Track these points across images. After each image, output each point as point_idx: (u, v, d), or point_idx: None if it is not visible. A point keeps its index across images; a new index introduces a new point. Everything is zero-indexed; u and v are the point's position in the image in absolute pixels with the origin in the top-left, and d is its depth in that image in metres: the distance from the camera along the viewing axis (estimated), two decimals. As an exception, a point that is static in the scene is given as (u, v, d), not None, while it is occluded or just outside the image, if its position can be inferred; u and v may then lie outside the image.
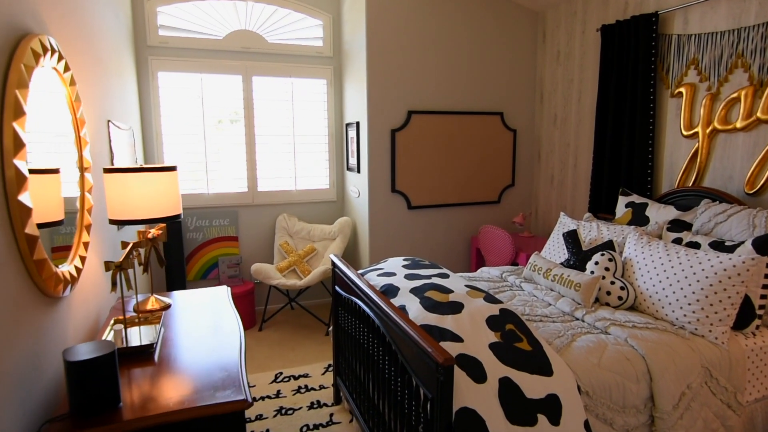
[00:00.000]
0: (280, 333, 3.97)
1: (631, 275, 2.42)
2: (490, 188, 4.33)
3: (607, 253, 2.48)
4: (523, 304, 2.42)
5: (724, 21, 2.82)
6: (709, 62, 2.91)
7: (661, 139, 3.25)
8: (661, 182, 3.26)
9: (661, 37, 3.19)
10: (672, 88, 3.14)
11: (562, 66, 4.07)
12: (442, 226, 4.21)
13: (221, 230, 4.24)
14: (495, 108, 4.25)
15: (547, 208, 4.34)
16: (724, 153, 2.87)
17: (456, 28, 4.00)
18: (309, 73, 4.34)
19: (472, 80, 4.12)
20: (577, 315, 2.25)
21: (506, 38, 4.19)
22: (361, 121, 3.98)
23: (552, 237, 3.11)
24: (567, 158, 4.07)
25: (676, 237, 2.51)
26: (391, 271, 2.50)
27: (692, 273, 2.14)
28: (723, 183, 2.87)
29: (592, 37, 3.74)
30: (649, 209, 2.95)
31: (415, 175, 4.03)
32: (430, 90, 4.00)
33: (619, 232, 2.72)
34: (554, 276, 2.54)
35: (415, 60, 3.91)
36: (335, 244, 4.19)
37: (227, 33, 4.09)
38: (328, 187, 4.54)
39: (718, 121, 2.85)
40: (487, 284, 2.74)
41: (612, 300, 2.36)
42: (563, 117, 4.09)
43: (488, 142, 4.25)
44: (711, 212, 2.57)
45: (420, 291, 2.12)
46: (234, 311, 2.14)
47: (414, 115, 3.95)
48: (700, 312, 2.08)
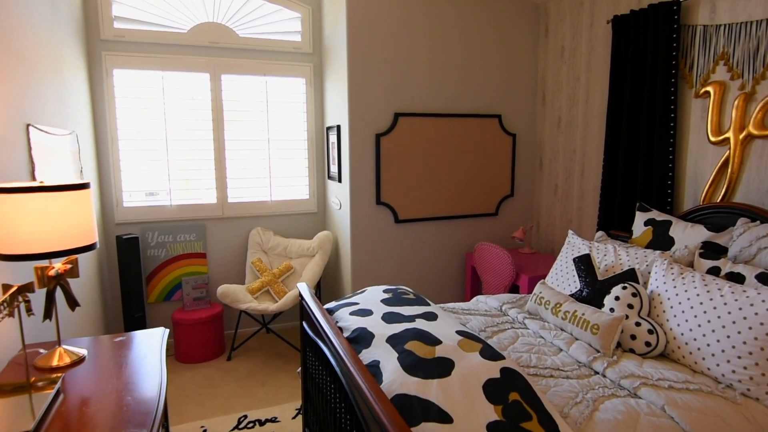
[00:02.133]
0: (251, 363, 3.52)
1: (660, 315, 1.98)
2: (486, 199, 3.90)
3: (630, 286, 2.04)
4: (529, 349, 1.98)
5: (761, 8, 2.40)
6: (741, 56, 2.49)
7: (683, 145, 2.82)
8: (683, 196, 2.83)
9: (684, 28, 2.76)
10: (697, 87, 2.72)
11: (566, 63, 3.64)
12: (433, 242, 3.77)
13: (187, 246, 3.79)
14: (492, 110, 3.82)
15: (550, 222, 3.90)
16: (761, 163, 2.44)
17: (448, 22, 3.57)
18: (286, 71, 3.90)
19: (466, 79, 3.69)
20: (596, 367, 1.81)
21: (504, 33, 3.76)
22: (341, 124, 3.54)
23: (559, 260, 2.67)
24: (573, 166, 3.64)
25: (713, 266, 2.08)
26: (367, 307, 2.05)
27: (741, 317, 1.70)
28: (760, 198, 2.45)
29: (602, 31, 3.31)
30: (673, 228, 2.52)
31: (402, 185, 3.59)
32: (420, 90, 3.56)
33: (641, 258, 2.29)
34: (565, 313, 2.10)
35: (403, 56, 3.47)
36: (314, 262, 3.74)
37: (192, 26, 3.64)
38: (307, 198, 4.09)
39: (754, 125, 2.42)
40: (484, 320, 2.29)
41: (638, 346, 1.93)
42: (568, 120, 3.66)
43: (485, 148, 3.81)
44: (752, 235, 2.14)
45: (400, 341, 1.68)
46: (161, 364, 1.69)
47: (401, 118, 3.52)
48: (754, 368, 1.64)
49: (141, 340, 1.90)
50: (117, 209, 3.59)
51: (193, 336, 3.52)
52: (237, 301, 3.45)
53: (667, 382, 1.67)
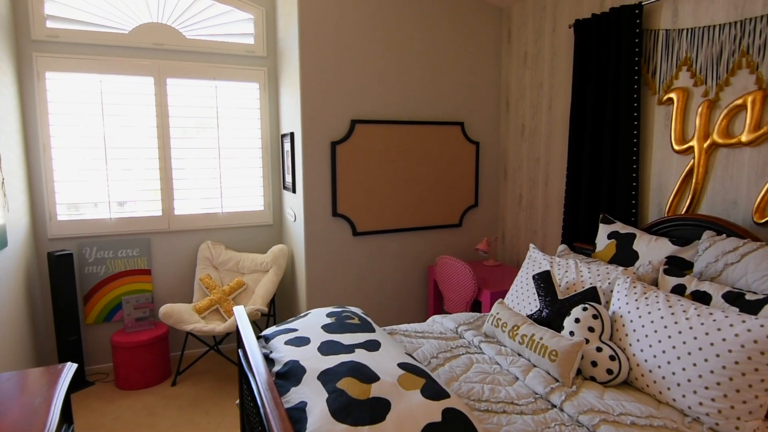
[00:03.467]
0: (197, 388, 3.26)
1: (622, 338, 1.83)
2: (450, 210, 3.74)
3: (591, 307, 1.89)
4: (482, 379, 1.80)
5: (724, 12, 2.30)
6: (705, 62, 2.39)
7: (647, 154, 2.71)
8: (647, 207, 2.72)
9: (646, 33, 2.66)
10: (660, 93, 2.61)
11: (530, 69, 3.52)
12: (393, 256, 3.58)
13: (129, 262, 3.51)
14: (454, 117, 3.67)
15: (515, 233, 3.76)
16: (726, 173, 2.33)
17: (407, 26, 3.41)
18: (238, 75, 3.68)
19: (427, 85, 3.53)
20: (553, 400, 1.64)
21: (466, 38, 3.63)
22: (295, 131, 3.34)
23: (520, 277, 2.51)
24: (537, 175, 3.51)
25: (678, 283, 1.94)
26: (305, 335, 1.85)
27: (708, 343, 1.56)
28: (725, 210, 2.34)
29: (564, 36, 3.20)
30: (637, 242, 2.39)
31: (360, 196, 3.40)
32: (378, 96, 3.39)
33: (604, 274, 2.14)
34: (522, 337, 1.93)
35: (359, 61, 3.29)
36: (268, 278, 3.51)
37: (134, 26, 3.40)
38: (262, 209, 3.86)
39: (719, 133, 2.32)
40: (437, 344, 2.11)
41: (599, 374, 1.77)
42: (532, 128, 3.53)
43: (447, 157, 3.66)
44: (718, 249, 2.02)
45: (333, 377, 1.47)
46: (53, 409, 1.45)
47: (358, 125, 3.33)
48: (722, 400, 1.49)
49: (36, 378, 1.65)
50: (50, 224, 3.30)
51: (133, 360, 3.24)
52: (181, 321, 3.19)
53: (629, 417, 1.51)
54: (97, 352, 3.51)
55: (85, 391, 3.23)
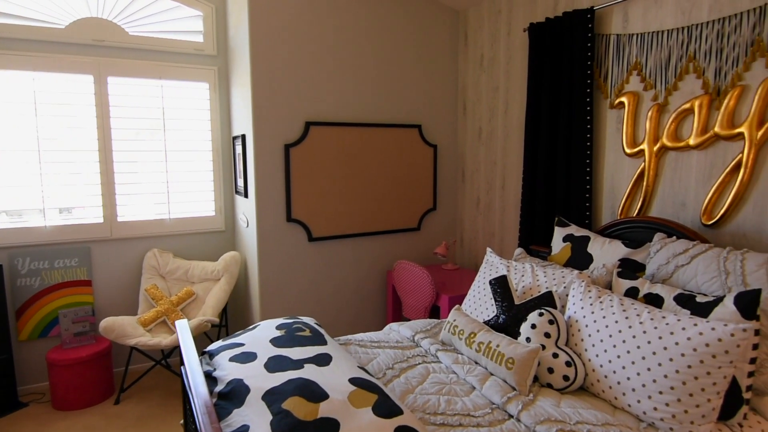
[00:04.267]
0: (143, 406, 3.06)
1: (578, 344, 1.81)
2: (408, 213, 3.68)
3: (547, 312, 1.86)
4: (439, 390, 1.74)
5: (672, 17, 2.34)
6: (654, 67, 2.43)
7: (600, 157, 2.73)
8: (601, 209, 2.74)
9: (598, 37, 2.69)
10: (611, 97, 2.64)
11: (486, 72, 3.52)
12: (351, 261, 3.49)
13: (67, 273, 3.28)
14: (412, 120, 3.62)
15: (473, 236, 3.75)
16: (675, 175, 2.37)
17: (362, 27, 3.34)
18: (186, 74, 3.51)
19: (383, 87, 3.47)
20: (510, 410, 1.60)
21: (423, 40, 3.59)
22: (246, 133, 3.20)
23: (477, 282, 2.47)
24: (494, 178, 3.50)
25: (631, 286, 1.94)
26: (252, 350, 1.74)
27: (662, 347, 1.55)
28: (675, 212, 2.38)
29: (519, 39, 3.21)
30: (591, 245, 2.40)
31: (316, 200, 3.30)
32: (333, 97, 3.30)
33: (559, 279, 2.13)
34: (479, 344, 1.88)
35: (314, 61, 3.20)
36: (219, 287, 3.35)
37: (71, 21, 3.18)
38: (213, 215, 3.69)
39: (668, 136, 2.35)
40: (393, 354, 2.03)
41: (555, 380, 1.74)
42: (489, 131, 3.53)
43: (405, 160, 3.60)
44: (669, 251, 2.04)
45: (278, 397, 1.37)
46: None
47: (313, 127, 3.23)
48: (676, 404, 1.49)
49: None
50: (-24, 232, 3.03)
51: (72, 378, 3.02)
52: (124, 335, 2.99)
53: (586, 426, 1.48)
54: (32, 371, 3.25)
55: (18, 414, 2.98)
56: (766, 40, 1.99)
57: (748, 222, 2.09)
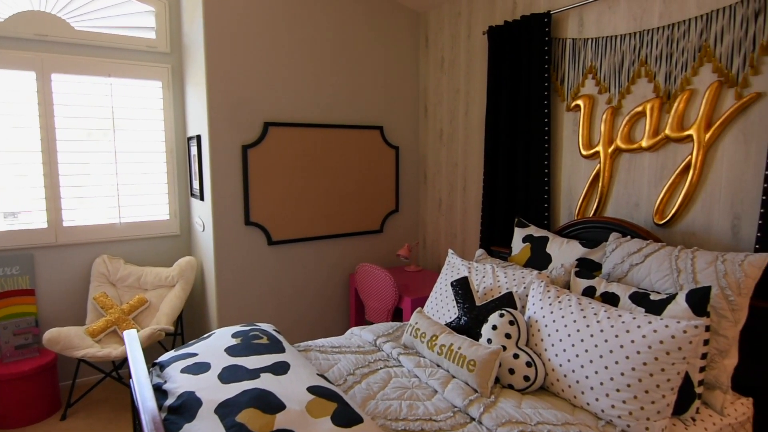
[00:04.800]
0: (93, 420, 2.90)
1: (538, 344, 1.82)
2: (371, 215, 3.65)
3: (508, 314, 1.87)
4: (401, 395, 1.71)
5: (624, 23, 2.41)
6: (608, 70, 2.48)
7: (558, 159, 2.78)
8: (559, 210, 2.79)
9: (555, 41, 2.73)
10: (568, 100, 2.69)
11: (446, 74, 3.53)
12: (312, 265, 3.43)
13: (8, 282, 3.07)
14: (373, 121, 3.59)
15: (435, 237, 3.75)
16: (628, 176, 2.43)
17: (322, 26, 3.29)
18: (137, 72, 3.36)
19: (344, 88, 3.42)
20: (472, 413, 1.58)
21: (384, 41, 3.57)
22: (202, 134, 3.09)
23: (439, 283, 2.47)
24: (455, 180, 3.52)
25: (588, 285, 1.97)
26: (205, 360, 1.66)
27: (618, 345, 1.57)
28: (629, 212, 2.44)
29: (479, 42, 3.23)
30: (550, 245, 2.43)
31: (276, 203, 3.22)
32: (293, 98, 3.23)
33: (519, 279, 2.14)
34: (441, 347, 1.87)
35: (273, 60, 3.12)
36: (174, 293, 3.22)
37: (11, 14, 2.99)
38: (167, 218, 3.55)
39: (621, 138, 2.41)
40: (354, 359, 1.99)
41: (516, 381, 1.74)
42: (450, 133, 3.54)
43: (367, 161, 3.57)
44: (623, 250, 2.08)
45: (232, 409, 1.31)
46: None
47: (272, 128, 3.15)
48: (633, 402, 1.51)
49: None
50: None
51: (14, 394, 2.82)
52: (71, 347, 2.83)
53: (546, 426, 1.48)
54: (-33, 388, 3.02)
55: (-50, 435, 2.77)
56: (713, 45, 2.07)
57: (698, 221, 2.16)
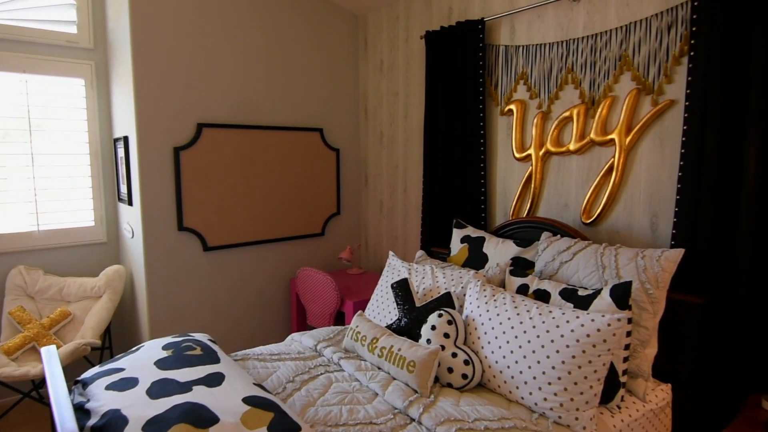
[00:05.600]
0: (8, 447, 2.67)
1: (475, 342, 1.87)
2: (312, 218, 3.60)
3: (446, 314, 1.90)
4: (341, 400, 1.70)
5: (552, 32, 2.52)
6: (538, 77, 2.59)
7: (493, 161, 2.87)
8: (495, 211, 2.88)
9: (489, 47, 2.82)
10: (502, 105, 2.78)
11: (386, 77, 3.55)
12: (252, 270, 3.34)
13: None
14: (313, 123, 3.55)
15: (377, 239, 3.76)
16: (558, 178, 2.55)
17: (259, 25, 3.21)
18: (57, 69, 3.13)
19: (283, 90, 3.36)
20: (412, 414, 1.59)
21: (322, 43, 3.54)
22: (129, 135, 2.93)
23: (379, 286, 2.47)
24: (396, 182, 3.55)
25: (522, 283, 2.04)
26: (133, 375, 1.56)
27: (549, 340, 1.64)
28: (559, 212, 2.56)
29: (417, 46, 3.28)
30: (486, 245, 2.50)
31: (211, 207, 3.10)
32: (229, 98, 3.13)
33: (457, 279, 2.18)
34: (381, 349, 1.87)
35: (207, 59, 3.01)
36: (101, 305, 3.03)
37: None
38: (92, 225, 3.33)
39: (551, 142, 2.53)
40: (294, 366, 1.95)
41: (455, 379, 1.77)
42: (390, 135, 3.56)
43: (307, 164, 3.52)
44: (554, 249, 2.18)
45: (161, 426, 1.24)
46: None
47: (206, 130, 3.04)
48: (563, 393, 1.58)
49: None
50: None
51: None
52: (-19, 367, 2.58)
53: (483, 422, 1.52)
54: None
55: None
56: (632, 55, 2.21)
57: (621, 220, 2.30)
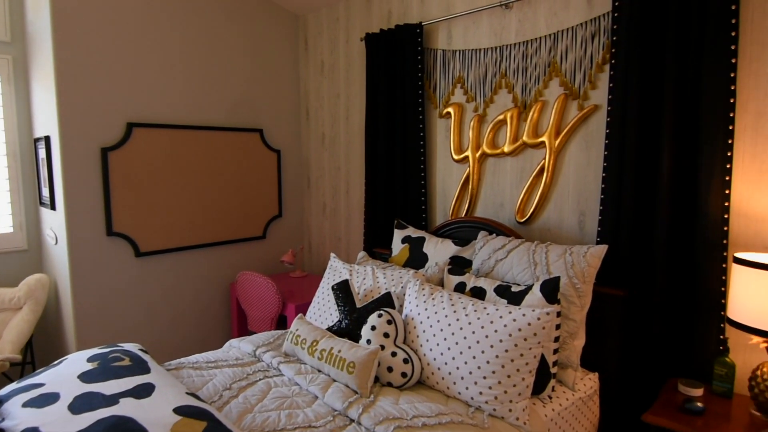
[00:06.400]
0: None
1: (414, 340, 1.89)
2: (253, 221, 3.52)
3: (386, 313, 1.91)
4: (279, 405, 1.67)
5: (486, 38, 2.61)
6: (474, 81, 2.67)
7: (433, 163, 2.92)
8: (435, 211, 2.94)
9: (427, 51, 2.87)
10: (440, 107, 2.84)
11: (327, 78, 3.54)
12: (189, 275, 3.22)
13: None
14: (253, 124, 3.48)
15: (320, 241, 3.74)
16: (494, 179, 2.64)
17: (195, 23, 3.11)
18: (-34, 62, 2.89)
19: (221, 89, 3.27)
20: (351, 414, 1.59)
21: (261, 42, 3.48)
22: (51, 135, 2.75)
23: (321, 288, 2.46)
24: (339, 183, 3.54)
25: (459, 281, 2.10)
26: (54, 390, 1.47)
27: (484, 336, 1.69)
28: (495, 212, 2.65)
29: (357, 48, 3.29)
30: (426, 244, 2.55)
31: (144, 210, 2.97)
32: (162, 97, 3.01)
33: (397, 279, 2.21)
34: (321, 352, 1.86)
35: (137, 55, 2.88)
36: (21, 317, 2.82)
37: None
38: (11, 231, 3.09)
39: (487, 144, 2.61)
40: (232, 373, 1.90)
41: (395, 378, 1.79)
42: (332, 137, 3.55)
43: (247, 165, 3.44)
44: (490, 247, 2.25)
45: (82, 442, 1.17)
46: None
47: (137, 129, 2.90)
48: (497, 387, 1.63)
49: None
50: None
51: None
52: None
53: (421, 419, 1.54)
54: None
55: None
56: (559, 62, 2.32)
57: (552, 218, 2.41)
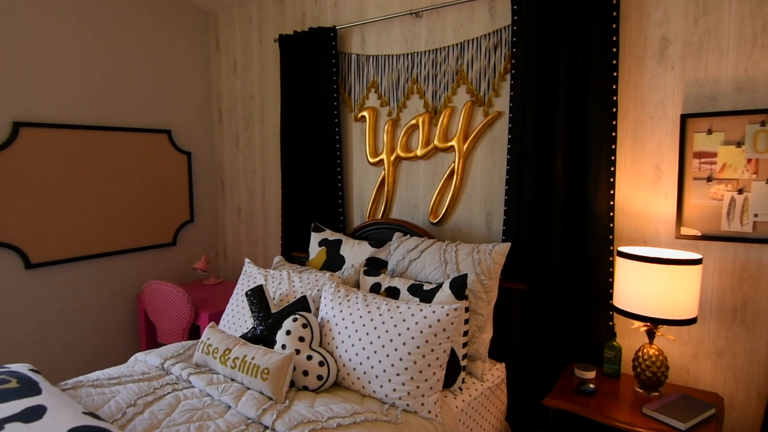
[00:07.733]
0: None
1: (330, 342, 1.90)
2: (161, 227, 3.34)
3: (301, 317, 1.91)
4: (189, 418, 1.60)
5: (398, 44, 2.68)
6: (387, 86, 2.74)
7: (349, 166, 2.95)
8: (352, 213, 2.97)
9: (342, 55, 2.90)
10: (355, 111, 2.88)
11: (240, 79, 3.45)
12: (89, 287, 2.99)
13: None
14: (160, 125, 3.31)
15: (236, 246, 3.63)
16: (408, 182, 2.72)
17: (94, 14, 2.90)
18: None
19: (125, 87, 3.07)
20: (265, 421, 1.57)
21: (169, 39, 3.31)
22: None
23: (235, 295, 2.39)
24: (254, 186, 3.46)
25: (375, 282, 2.14)
26: None
27: (397, 334, 1.74)
28: (410, 213, 2.72)
29: (271, 48, 3.24)
30: (343, 247, 2.56)
31: (35, 218, 2.71)
32: (57, 95, 2.77)
33: (313, 282, 2.21)
34: (234, 360, 1.81)
35: (27, 48, 2.63)
36: None
37: None
38: None
39: (401, 148, 2.68)
40: (137, 388, 1.80)
41: (311, 382, 1.79)
42: (246, 139, 3.47)
43: (154, 168, 3.26)
44: (404, 248, 2.31)
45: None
46: None
47: (26, 129, 2.65)
48: (410, 383, 1.69)
49: None
50: None
51: None
52: None
53: (336, 420, 1.56)
54: None
55: None
56: (466, 70, 2.44)
57: (462, 218, 2.53)
